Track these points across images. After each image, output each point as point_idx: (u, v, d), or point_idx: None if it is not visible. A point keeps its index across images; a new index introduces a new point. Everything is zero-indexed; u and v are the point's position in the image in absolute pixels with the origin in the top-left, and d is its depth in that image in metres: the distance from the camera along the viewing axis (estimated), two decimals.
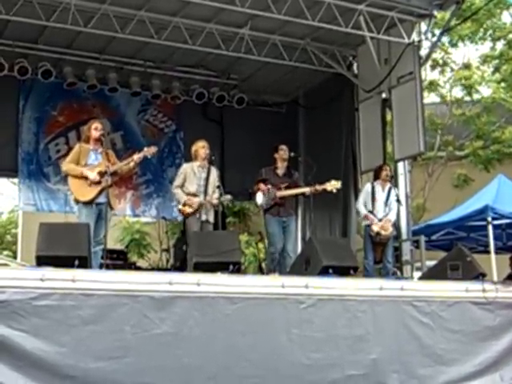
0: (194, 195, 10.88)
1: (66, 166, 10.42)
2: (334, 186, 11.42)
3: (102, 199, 10.14)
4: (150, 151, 10.46)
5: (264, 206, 11.50)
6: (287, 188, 11.54)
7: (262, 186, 11.50)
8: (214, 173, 11.15)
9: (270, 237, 11.51)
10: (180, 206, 11.01)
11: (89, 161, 10.30)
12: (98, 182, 10.10)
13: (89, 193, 10.13)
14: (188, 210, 10.84)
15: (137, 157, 10.37)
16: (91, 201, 10.12)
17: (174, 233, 15.27)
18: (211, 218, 11.01)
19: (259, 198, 11.51)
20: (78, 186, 10.24)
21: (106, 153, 10.39)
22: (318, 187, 11.45)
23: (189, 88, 15.19)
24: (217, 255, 9.30)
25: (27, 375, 7.51)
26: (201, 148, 11.14)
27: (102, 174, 10.10)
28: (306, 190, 11.54)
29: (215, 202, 10.97)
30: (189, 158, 14.16)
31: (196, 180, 10.98)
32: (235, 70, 15.02)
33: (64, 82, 14.16)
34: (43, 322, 7.71)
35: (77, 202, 10.31)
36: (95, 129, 10.43)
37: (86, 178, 10.14)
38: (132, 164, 10.42)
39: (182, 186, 10.99)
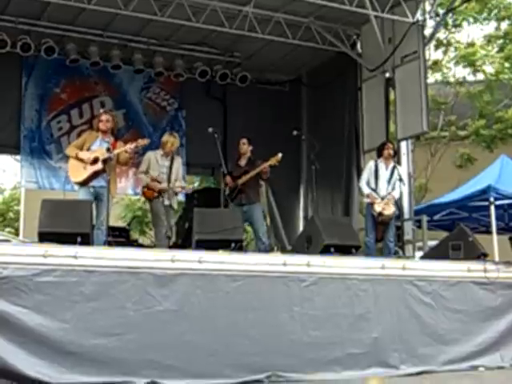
0: (158, 181, 10.97)
1: (68, 148, 10.75)
2: (275, 159, 11.45)
3: (97, 183, 10.28)
4: (141, 142, 10.51)
5: (230, 198, 11.69)
6: (244, 174, 11.64)
7: (228, 179, 11.68)
8: (178, 161, 11.27)
9: None
10: (144, 189, 11.15)
11: (93, 146, 10.45)
12: (93, 163, 10.19)
13: (81, 174, 10.29)
14: (150, 194, 10.99)
15: (128, 147, 10.40)
16: (84, 182, 10.28)
17: (176, 211, 15.26)
18: (175, 205, 11.19)
19: (226, 191, 11.72)
20: (73, 168, 10.47)
21: (114, 142, 10.50)
22: (264, 164, 11.54)
23: (192, 66, 15.12)
24: (219, 233, 9.33)
25: (29, 351, 7.51)
26: (167, 143, 11.18)
27: (96, 160, 10.20)
28: (255, 170, 11.63)
29: (177, 190, 11.18)
30: (190, 136, 14.27)
31: (158, 167, 11.08)
32: (238, 47, 14.96)
33: (67, 59, 14.10)
34: (45, 298, 7.71)
35: (74, 183, 10.58)
36: (101, 121, 10.58)
37: (80, 159, 10.30)
38: (126, 155, 10.47)
39: (146, 172, 11.09)
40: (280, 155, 11.38)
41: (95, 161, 10.19)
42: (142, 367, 7.93)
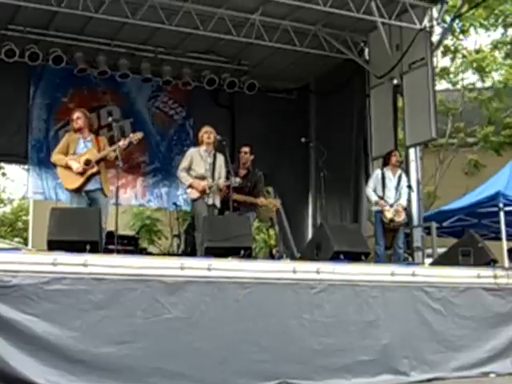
0: (202, 178, 10.91)
1: (54, 156, 10.44)
2: (273, 204, 12.18)
3: (91, 186, 10.17)
4: (135, 137, 10.36)
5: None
6: (240, 192, 11.60)
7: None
8: (220, 159, 11.18)
9: None
10: (188, 189, 11.06)
11: (77, 149, 10.28)
12: (83, 172, 10.10)
13: (76, 181, 10.14)
14: (194, 194, 10.87)
15: (122, 143, 10.21)
16: (79, 189, 10.14)
17: (184, 219, 15.27)
18: (218, 203, 11.06)
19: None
20: (65, 175, 10.28)
21: (97, 139, 10.40)
22: (262, 201, 12.04)
23: (200, 74, 15.13)
24: (228, 240, 9.30)
25: (39, 359, 7.49)
26: (204, 133, 11.21)
27: (88, 162, 10.10)
28: (251, 199, 11.87)
29: (222, 185, 11.03)
30: (197, 144, 14.22)
31: (203, 163, 11.01)
32: (246, 55, 14.97)
33: (75, 68, 14.11)
34: (54, 306, 7.69)
35: (67, 190, 10.39)
36: (72, 120, 10.46)
37: (70, 168, 10.14)
38: (118, 150, 10.19)
39: (188, 169, 11.02)
40: (279, 203, 11.52)
41: (87, 163, 10.07)
42: (151, 375, 7.90)
